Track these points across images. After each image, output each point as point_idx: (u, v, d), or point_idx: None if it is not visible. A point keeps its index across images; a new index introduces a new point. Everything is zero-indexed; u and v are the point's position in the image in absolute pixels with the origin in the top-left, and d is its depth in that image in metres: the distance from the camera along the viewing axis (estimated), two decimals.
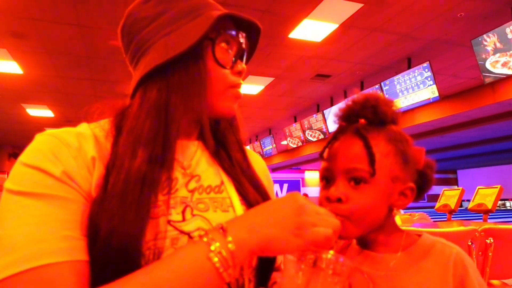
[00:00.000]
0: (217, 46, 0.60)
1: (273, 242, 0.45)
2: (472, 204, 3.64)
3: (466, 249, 1.75)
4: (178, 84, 0.57)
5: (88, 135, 0.54)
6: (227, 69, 0.60)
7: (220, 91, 0.60)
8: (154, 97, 0.56)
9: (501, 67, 4.55)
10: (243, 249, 0.44)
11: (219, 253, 0.43)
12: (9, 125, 9.29)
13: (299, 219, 0.45)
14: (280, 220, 0.46)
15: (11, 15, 4.16)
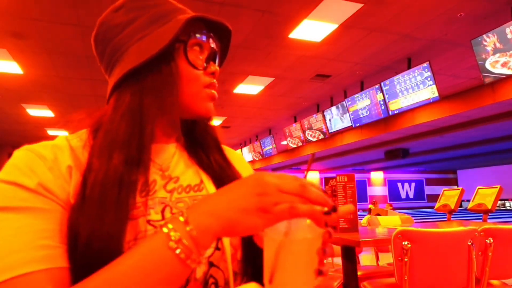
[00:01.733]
0: (189, 48, 0.62)
1: (237, 225, 0.44)
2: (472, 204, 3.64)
3: (466, 249, 1.75)
4: (151, 86, 0.58)
5: (63, 146, 0.56)
6: (200, 70, 0.62)
7: (194, 92, 0.62)
8: (128, 100, 0.58)
9: (501, 67, 4.56)
10: (206, 234, 0.44)
11: (180, 242, 0.43)
12: (9, 125, 9.29)
13: (261, 200, 0.44)
14: (242, 202, 0.44)
15: (11, 15, 4.16)
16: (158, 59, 0.59)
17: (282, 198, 0.43)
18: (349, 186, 2.22)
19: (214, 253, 0.58)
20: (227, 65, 5.97)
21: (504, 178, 19.21)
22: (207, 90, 0.63)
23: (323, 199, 0.44)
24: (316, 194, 0.44)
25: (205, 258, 0.56)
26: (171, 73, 0.60)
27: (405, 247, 1.68)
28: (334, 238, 2.07)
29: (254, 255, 0.60)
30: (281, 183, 0.44)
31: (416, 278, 1.70)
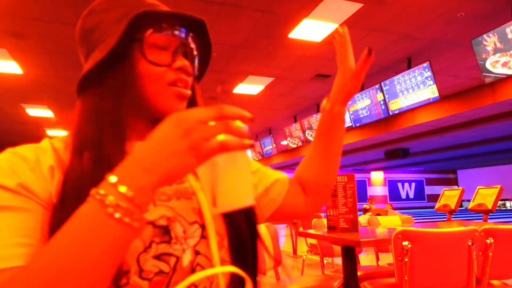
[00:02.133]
0: (148, 45, 0.60)
1: (175, 172, 0.44)
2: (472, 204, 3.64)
3: (466, 249, 1.75)
4: (109, 89, 0.59)
5: (46, 148, 0.57)
6: (163, 67, 0.60)
7: (157, 91, 0.61)
8: (88, 103, 0.60)
9: (501, 67, 4.55)
10: (143, 191, 0.43)
11: (117, 206, 0.42)
12: (9, 125, 9.29)
13: (190, 140, 0.43)
14: (170, 147, 0.43)
15: (11, 15, 4.16)
16: (115, 60, 0.59)
17: (208, 131, 0.43)
18: (349, 186, 2.22)
19: (200, 242, 0.58)
20: (227, 65, 5.97)
21: (504, 178, 19.21)
22: (172, 88, 0.61)
23: (241, 114, 0.45)
24: (233, 111, 0.45)
25: (190, 247, 0.57)
26: (127, 73, 0.59)
27: (405, 247, 1.67)
28: (334, 238, 2.07)
29: (241, 242, 0.60)
30: (200, 115, 0.44)
31: (416, 278, 1.70)
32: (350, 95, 0.76)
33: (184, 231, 0.58)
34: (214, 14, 4.30)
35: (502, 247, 1.92)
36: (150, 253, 0.54)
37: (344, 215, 2.20)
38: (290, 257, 6.18)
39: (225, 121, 0.44)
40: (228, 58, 5.67)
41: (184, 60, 0.62)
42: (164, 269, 0.54)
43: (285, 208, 0.77)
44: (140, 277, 0.52)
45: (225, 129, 0.43)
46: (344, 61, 0.75)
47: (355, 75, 0.74)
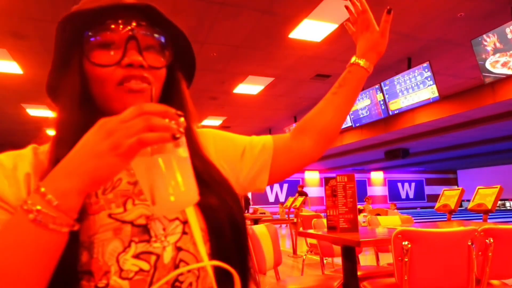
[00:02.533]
0: (93, 47, 0.58)
1: (99, 173, 0.44)
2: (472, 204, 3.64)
3: (466, 249, 1.75)
4: (66, 96, 0.60)
5: (26, 155, 0.58)
6: (111, 66, 0.57)
7: (109, 92, 0.59)
8: (58, 111, 0.61)
9: (501, 67, 4.56)
10: (68, 196, 0.44)
11: (40, 212, 0.43)
12: (9, 125, 9.29)
13: (111, 140, 0.44)
14: (94, 150, 0.44)
15: (11, 15, 4.16)
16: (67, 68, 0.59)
17: (128, 129, 0.43)
18: (349, 186, 2.22)
19: (182, 238, 0.57)
20: (227, 65, 5.97)
21: (504, 178, 19.21)
22: (121, 87, 0.58)
23: (163, 110, 0.44)
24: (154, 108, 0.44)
25: (171, 244, 0.56)
26: (77, 79, 0.59)
27: (405, 247, 1.68)
28: (334, 238, 2.08)
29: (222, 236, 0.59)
30: (122, 116, 0.44)
31: (416, 278, 1.70)
32: (379, 54, 0.85)
33: (164, 229, 0.57)
34: (214, 14, 4.30)
35: (501, 247, 1.92)
36: (129, 252, 0.53)
37: (344, 215, 2.21)
38: (290, 257, 6.18)
39: (145, 117, 0.43)
40: (228, 58, 5.67)
41: (135, 55, 0.57)
42: (144, 268, 0.53)
43: (280, 168, 0.77)
44: (120, 277, 0.52)
45: (145, 125, 0.43)
46: (369, 25, 0.86)
47: (381, 34, 0.84)
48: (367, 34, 0.85)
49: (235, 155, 0.75)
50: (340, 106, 0.82)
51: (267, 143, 0.77)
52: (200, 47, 5.21)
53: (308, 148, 0.79)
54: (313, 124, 0.80)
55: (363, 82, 0.84)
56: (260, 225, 2.37)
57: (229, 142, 0.77)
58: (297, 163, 0.79)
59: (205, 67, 6.01)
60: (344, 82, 0.82)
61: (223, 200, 0.62)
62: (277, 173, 0.77)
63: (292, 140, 0.79)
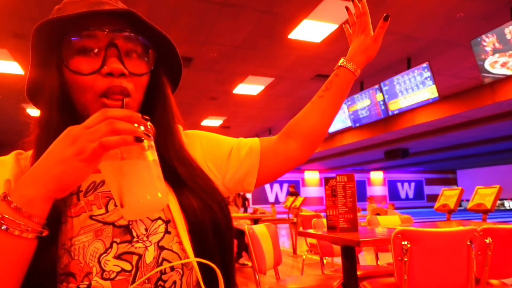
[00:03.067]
0: (72, 53, 0.57)
1: (64, 179, 0.45)
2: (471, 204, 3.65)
3: (465, 248, 1.76)
4: (42, 104, 0.60)
5: (7, 162, 0.59)
6: (90, 74, 0.56)
7: (89, 101, 0.57)
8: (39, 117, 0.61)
9: (500, 67, 4.57)
10: (33, 203, 0.45)
11: (10, 221, 0.44)
12: (10, 125, 9.29)
13: (75, 146, 0.45)
14: (59, 156, 0.45)
15: (12, 15, 4.17)
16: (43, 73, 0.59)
17: (91, 134, 0.44)
18: (349, 186, 2.23)
19: (164, 237, 0.57)
20: (227, 65, 5.98)
21: (503, 178, 19.21)
22: (102, 100, 0.57)
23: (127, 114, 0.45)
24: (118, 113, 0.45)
25: (154, 243, 0.56)
26: (57, 86, 0.59)
27: (405, 247, 1.68)
28: (333, 238, 2.08)
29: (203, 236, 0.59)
30: (86, 122, 0.46)
31: (416, 278, 1.71)
32: (369, 59, 0.85)
33: (146, 229, 0.57)
34: (214, 14, 4.31)
35: (501, 247, 1.93)
36: (111, 253, 0.54)
37: (344, 215, 2.21)
38: (290, 257, 6.19)
39: (109, 121, 0.44)
40: (228, 58, 5.68)
41: (115, 63, 0.56)
42: (126, 268, 0.53)
43: (268, 171, 0.77)
44: (102, 278, 0.52)
45: (108, 129, 0.44)
46: (365, 28, 0.85)
47: (374, 39, 0.84)
48: (361, 36, 0.85)
49: (221, 156, 0.75)
50: (326, 109, 0.81)
51: (254, 146, 0.78)
52: (200, 47, 5.22)
53: (294, 151, 0.79)
54: (298, 128, 0.80)
55: (349, 86, 0.84)
56: (260, 225, 2.38)
57: (215, 143, 0.77)
58: (283, 166, 0.79)
59: (205, 67, 6.02)
60: (330, 85, 0.82)
61: (206, 204, 0.62)
62: (264, 176, 0.77)
63: (279, 143, 0.80)
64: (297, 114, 0.83)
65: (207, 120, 9.60)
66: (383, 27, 0.83)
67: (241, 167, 0.75)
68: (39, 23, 0.56)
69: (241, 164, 0.75)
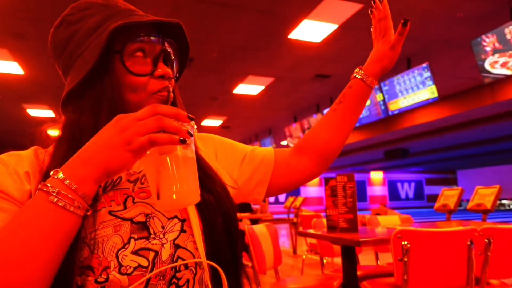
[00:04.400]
0: (127, 56, 0.61)
1: (111, 164, 0.47)
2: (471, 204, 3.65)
3: (465, 249, 1.76)
4: (89, 102, 0.61)
5: (25, 156, 0.61)
6: (145, 76, 0.61)
7: (141, 100, 0.62)
8: (70, 118, 0.62)
9: (500, 67, 4.57)
10: (84, 182, 0.47)
11: (60, 194, 0.46)
12: (10, 125, 9.30)
13: (124, 135, 0.47)
14: (108, 143, 0.47)
15: (12, 16, 4.17)
16: (95, 74, 0.60)
17: (141, 127, 0.46)
18: (349, 186, 2.23)
19: (180, 236, 0.59)
20: (227, 65, 5.98)
21: (503, 178, 19.22)
22: (156, 96, 0.62)
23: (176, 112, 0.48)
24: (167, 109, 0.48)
25: (169, 241, 0.58)
26: (108, 86, 0.60)
27: (405, 247, 1.69)
28: (333, 238, 2.08)
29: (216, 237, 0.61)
30: (137, 114, 0.48)
31: (416, 278, 1.71)
32: (386, 68, 0.78)
33: (163, 226, 0.59)
34: (214, 14, 4.31)
35: (501, 247, 1.93)
36: (128, 249, 0.55)
37: (344, 215, 2.22)
38: (290, 257, 6.19)
39: (159, 117, 0.47)
40: (228, 58, 5.68)
41: (165, 67, 0.62)
42: (143, 264, 0.55)
43: (279, 183, 0.77)
44: (119, 272, 0.53)
45: (158, 125, 0.46)
46: (385, 33, 0.76)
47: (392, 47, 0.76)
48: (380, 43, 0.77)
49: (235, 162, 0.76)
50: (339, 125, 0.77)
51: (268, 156, 0.78)
52: (200, 47, 5.22)
53: (305, 167, 0.78)
54: (310, 144, 0.78)
55: (365, 98, 0.78)
56: (260, 225, 2.38)
57: (230, 148, 0.78)
58: (295, 180, 0.78)
59: (205, 67, 6.02)
60: (344, 98, 0.78)
61: (217, 195, 0.64)
62: (275, 187, 0.77)
63: (292, 156, 0.78)
64: (311, 128, 0.80)
65: (207, 120, 9.60)
66: (402, 33, 0.74)
67: (253, 176, 0.76)
68: (116, 25, 0.57)
69: (254, 173, 0.76)
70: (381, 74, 0.79)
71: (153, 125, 0.46)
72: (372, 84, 0.78)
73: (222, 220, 0.63)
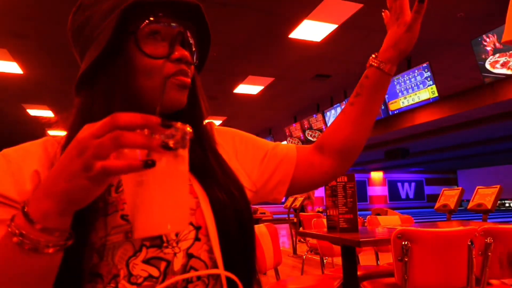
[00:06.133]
0: (143, 37, 0.56)
1: (73, 196, 0.40)
2: (471, 204, 3.64)
3: (465, 249, 1.75)
4: (103, 86, 0.57)
5: (35, 151, 0.57)
6: (161, 59, 0.57)
7: (157, 84, 0.57)
8: (83, 103, 0.58)
9: (501, 67, 4.56)
10: (51, 217, 0.41)
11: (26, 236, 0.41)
12: (10, 125, 9.30)
13: (82, 159, 0.38)
14: (67, 170, 0.39)
15: (11, 15, 4.16)
16: (109, 56, 0.56)
17: (97, 149, 0.37)
18: (349, 186, 2.23)
19: (194, 245, 0.56)
20: (227, 65, 5.98)
21: (504, 178, 19.21)
22: (172, 79, 0.57)
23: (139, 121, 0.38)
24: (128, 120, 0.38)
25: (182, 250, 0.55)
26: (122, 69, 0.56)
27: (405, 247, 1.68)
28: (334, 238, 2.08)
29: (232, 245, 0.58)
30: (95, 129, 0.38)
31: (416, 278, 1.71)
32: (403, 52, 0.71)
33: (177, 234, 0.55)
34: (214, 14, 4.31)
35: (501, 247, 1.92)
36: (139, 257, 0.52)
37: (344, 215, 2.21)
38: (290, 257, 6.18)
39: (116, 135, 0.37)
40: (228, 58, 5.67)
41: (182, 50, 0.58)
42: (154, 274, 0.52)
43: (300, 182, 0.73)
44: (129, 282, 0.51)
45: (115, 144, 0.37)
46: (401, 14, 0.70)
47: (409, 27, 0.69)
48: (395, 26, 0.71)
49: (254, 159, 0.71)
50: (359, 119, 0.71)
51: (290, 153, 0.73)
52: None
53: (329, 166, 0.73)
54: (330, 142, 0.73)
55: (385, 87, 0.72)
56: (260, 225, 2.38)
57: (250, 145, 0.73)
58: (318, 179, 0.74)
59: (205, 67, 5.98)
60: (361, 90, 0.71)
61: (231, 194, 0.60)
62: (297, 186, 0.73)
63: (315, 155, 0.73)
64: (330, 125, 0.74)
65: (207, 120, 9.59)
66: (419, 11, 0.69)
67: (274, 175, 0.71)
68: (128, 4, 0.53)
69: (274, 172, 0.71)
70: (399, 59, 0.72)
71: (109, 146, 0.37)
72: (391, 71, 0.72)
73: (238, 227, 0.59)
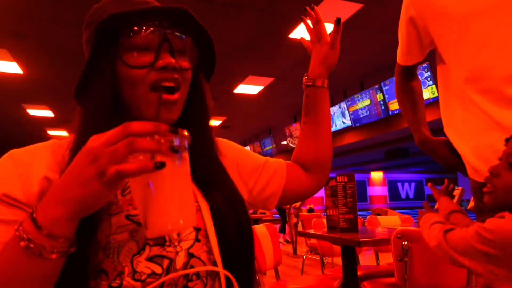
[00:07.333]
0: (128, 47, 0.57)
1: (86, 201, 0.42)
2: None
3: None
4: (94, 97, 0.58)
5: (43, 155, 0.58)
6: (145, 68, 0.57)
7: (140, 95, 0.58)
8: (82, 112, 0.60)
9: None
10: (58, 223, 0.43)
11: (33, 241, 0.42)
12: (9, 125, 9.29)
13: (95, 165, 0.41)
14: (80, 177, 0.42)
15: (11, 15, 4.16)
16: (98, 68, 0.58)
17: (112, 155, 0.40)
18: (349, 186, 2.23)
19: (194, 245, 0.58)
20: (227, 65, 5.98)
21: None
22: (154, 94, 0.57)
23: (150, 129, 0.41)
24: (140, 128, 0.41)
25: (184, 249, 0.57)
26: (109, 80, 0.57)
27: (405, 247, 1.68)
28: (334, 238, 2.08)
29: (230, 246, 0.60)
30: (106, 138, 0.41)
31: (416, 278, 1.71)
32: (331, 66, 0.82)
33: (179, 234, 0.58)
34: (214, 14, 4.31)
35: None
36: (143, 255, 0.54)
37: (344, 215, 2.21)
38: (290, 257, 6.18)
39: (130, 141, 0.40)
40: (228, 58, 5.67)
41: (169, 57, 0.57)
42: (157, 271, 0.54)
43: (289, 194, 0.78)
44: (133, 279, 0.53)
45: (129, 149, 0.40)
46: (321, 36, 0.84)
47: (332, 45, 0.81)
48: (318, 46, 0.83)
49: (250, 171, 0.76)
50: (316, 133, 0.79)
51: (280, 168, 0.79)
52: None
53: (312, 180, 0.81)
54: (304, 159, 0.81)
55: (325, 100, 0.82)
56: (260, 225, 2.38)
57: (245, 157, 0.78)
58: (303, 192, 0.80)
59: None
60: (307, 109, 0.80)
61: (228, 198, 0.63)
62: (286, 198, 0.79)
63: (299, 170, 0.81)
64: (296, 146, 0.83)
65: None
66: (337, 31, 0.81)
67: (267, 187, 0.76)
68: (103, 20, 0.55)
69: (268, 184, 0.76)
70: (328, 73, 0.82)
71: (123, 151, 0.40)
72: (324, 84, 0.82)
73: (236, 228, 0.62)
